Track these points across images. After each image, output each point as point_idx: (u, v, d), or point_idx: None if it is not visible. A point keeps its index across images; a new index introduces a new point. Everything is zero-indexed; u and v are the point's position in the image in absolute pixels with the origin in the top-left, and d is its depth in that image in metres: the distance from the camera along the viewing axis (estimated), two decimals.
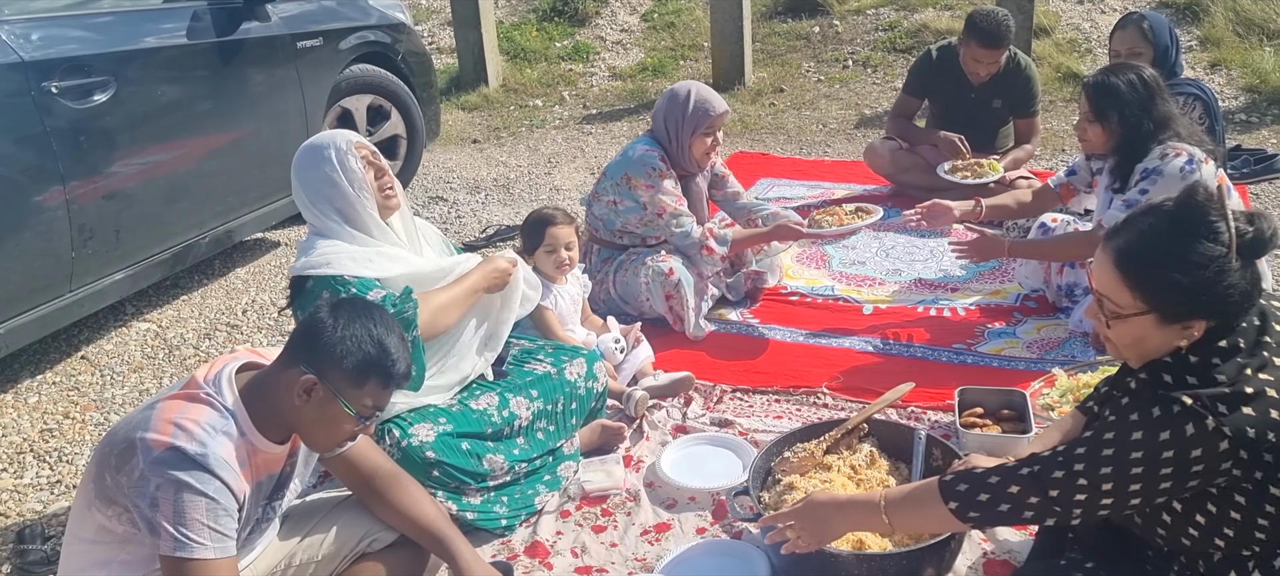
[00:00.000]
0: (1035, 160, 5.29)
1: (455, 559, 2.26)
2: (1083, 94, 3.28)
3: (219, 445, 1.91)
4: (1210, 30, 6.83)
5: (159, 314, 4.33)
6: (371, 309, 2.02)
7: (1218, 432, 1.68)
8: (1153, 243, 1.79)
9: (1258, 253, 1.77)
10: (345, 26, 4.93)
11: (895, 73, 7.12)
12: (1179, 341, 1.80)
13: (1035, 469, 1.83)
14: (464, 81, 7.71)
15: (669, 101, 3.79)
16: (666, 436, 3.16)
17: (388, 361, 1.97)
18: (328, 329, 1.95)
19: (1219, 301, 1.76)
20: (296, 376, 1.95)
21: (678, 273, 3.71)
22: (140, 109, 3.87)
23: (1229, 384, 1.73)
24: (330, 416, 1.98)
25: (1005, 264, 4.27)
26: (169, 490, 1.85)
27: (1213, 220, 1.75)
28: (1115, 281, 1.82)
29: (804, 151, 6.18)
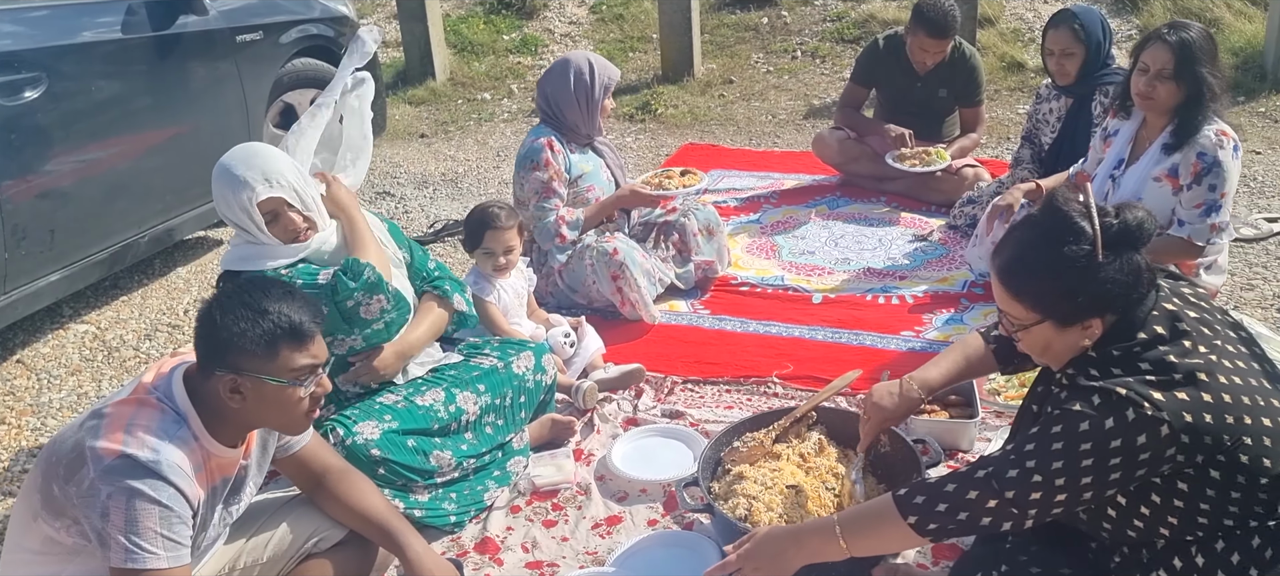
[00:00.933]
0: (981, 148, 5.34)
1: (404, 551, 2.24)
2: (1159, 47, 3.14)
3: (172, 451, 1.87)
4: (1149, 20, 6.95)
5: (97, 315, 4.23)
6: (246, 285, 1.98)
7: (1157, 419, 1.71)
8: (1025, 254, 1.88)
9: (1128, 243, 1.83)
10: (286, 20, 4.84)
11: (843, 63, 7.16)
12: (1083, 341, 1.87)
13: (989, 470, 1.84)
14: (410, 75, 7.62)
15: (574, 77, 3.81)
16: (617, 429, 3.15)
17: (284, 322, 1.92)
18: (217, 325, 1.91)
19: (1100, 297, 1.82)
20: (218, 383, 1.92)
21: (623, 252, 3.71)
22: (74, 105, 3.77)
23: (1156, 371, 1.77)
24: (273, 399, 1.95)
25: (954, 249, 4.31)
26: (121, 499, 1.81)
27: (1076, 222, 1.82)
28: (1006, 297, 1.91)
29: (753, 142, 6.19)
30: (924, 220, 4.67)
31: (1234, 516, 1.80)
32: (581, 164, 3.88)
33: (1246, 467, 1.76)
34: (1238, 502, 1.78)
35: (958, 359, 2.41)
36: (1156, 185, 3.23)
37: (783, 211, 4.90)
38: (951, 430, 2.89)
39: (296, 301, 1.96)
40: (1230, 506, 1.79)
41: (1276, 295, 3.72)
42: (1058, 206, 1.86)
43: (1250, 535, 1.81)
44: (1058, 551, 2.03)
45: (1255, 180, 4.87)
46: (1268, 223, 4.30)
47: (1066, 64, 4.17)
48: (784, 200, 5.05)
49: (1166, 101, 3.19)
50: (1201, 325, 1.87)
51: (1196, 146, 3.15)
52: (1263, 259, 4.03)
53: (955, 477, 1.89)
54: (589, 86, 3.82)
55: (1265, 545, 1.80)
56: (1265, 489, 1.78)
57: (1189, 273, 3.31)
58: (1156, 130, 3.27)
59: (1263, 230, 4.24)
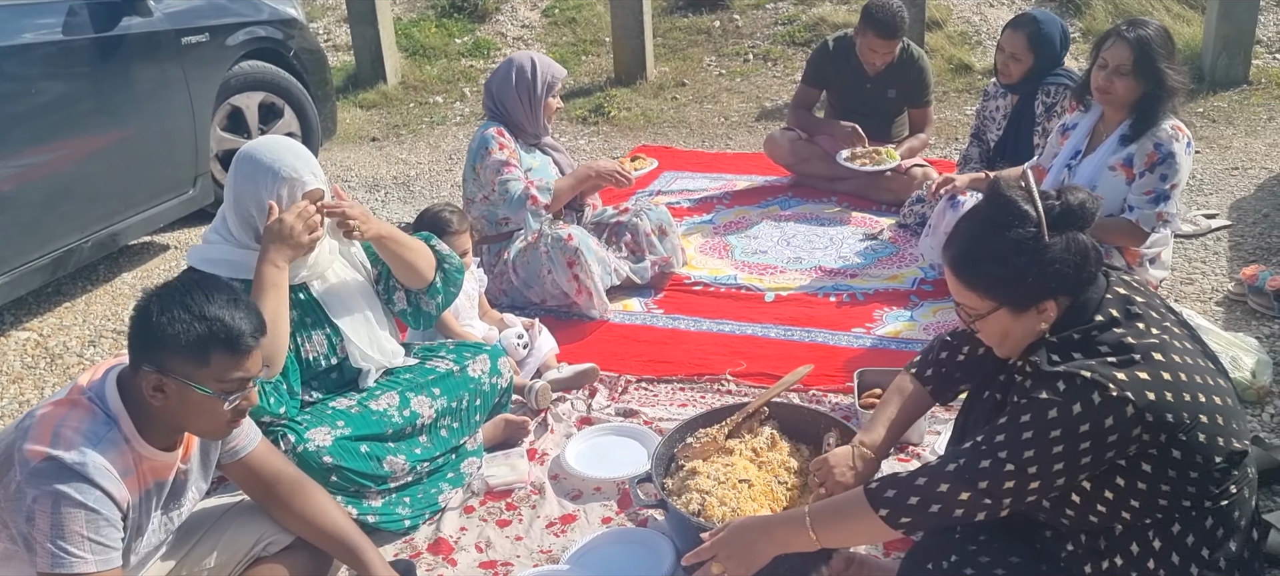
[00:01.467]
0: (929, 149, 5.41)
1: (367, 569, 2.19)
2: (1118, 44, 3.22)
3: (100, 453, 1.82)
4: (1091, 22, 7.09)
5: (40, 322, 4.14)
6: (195, 283, 1.90)
7: (1122, 398, 1.74)
8: (974, 243, 1.91)
9: (1072, 223, 1.87)
10: (233, 22, 4.79)
11: (794, 65, 7.22)
12: (1040, 325, 1.89)
13: (960, 463, 1.84)
14: (361, 79, 7.56)
15: (517, 75, 3.87)
16: (571, 428, 3.15)
17: (221, 332, 1.85)
18: (154, 322, 1.84)
19: (1050, 278, 1.85)
20: (143, 379, 1.85)
21: (578, 239, 3.73)
22: (15, 108, 3.70)
23: (1115, 352, 1.80)
24: (196, 404, 1.88)
25: (904, 247, 4.37)
26: (46, 503, 1.77)
27: (1019, 206, 1.86)
28: (960, 288, 1.94)
29: (706, 144, 6.23)
30: (874, 219, 4.72)
31: (1191, 497, 1.83)
32: (529, 160, 3.90)
33: (1203, 447, 1.79)
34: (1195, 482, 1.82)
35: (893, 409, 2.37)
36: (1111, 174, 3.30)
37: (735, 212, 4.93)
38: None
39: (241, 310, 1.88)
40: (1188, 487, 1.82)
41: (1215, 289, 3.82)
42: (1001, 193, 1.89)
43: (1204, 515, 1.84)
44: (1008, 541, 2.05)
45: (1195, 177, 4.98)
46: (1206, 219, 4.40)
47: (1012, 66, 4.26)
48: (736, 201, 5.08)
49: (1124, 96, 3.28)
50: (1149, 309, 1.91)
51: (1154, 137, 3.24)
52: (1202, 254, 4.13)
53: (926, 471, 1.89)
54: (531, 83, 3.85)
55: (1217, 524, 1.85)
56: (1218, 468, 1.82)
57: (1133, 263, 3.39)
58: (1114, 124, 3.36)
59: (1202, 226, 4.34)
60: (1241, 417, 1.89)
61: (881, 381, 3.10)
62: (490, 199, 3.84)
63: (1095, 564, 1.91)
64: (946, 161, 5.36)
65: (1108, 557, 1.90)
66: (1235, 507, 1.86)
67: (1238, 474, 1.85)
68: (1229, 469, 1.83)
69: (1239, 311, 3.62)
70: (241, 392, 1.92)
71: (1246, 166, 5.11)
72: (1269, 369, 3.08)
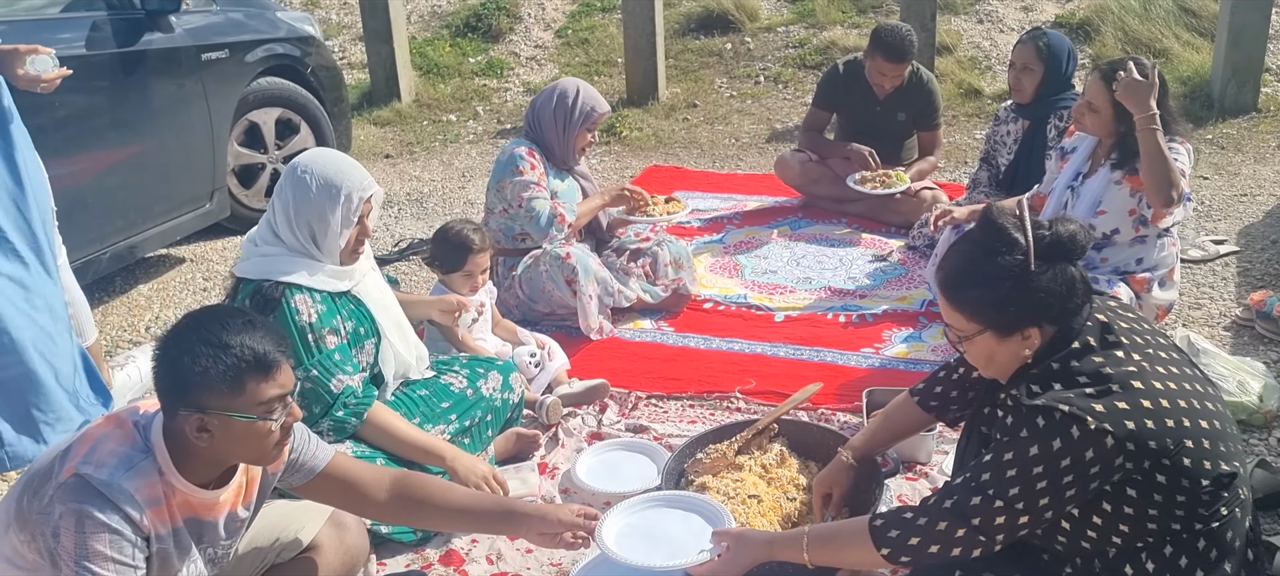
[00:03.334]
0: (938, 172, 5.45)
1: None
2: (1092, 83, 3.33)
3: (128, 478, 1.84)
4: (1101, 48, 7.13)
5: None
6: (198, 320, 1.90)
7: (1100, 431, 1.77)
8: (963, 266, 1.97)
9: (1060, 254, 1.91)
10: (252, 39, 4.85)
11: (805, 88, 7.27)
12: (1024, 350, 1.93)
13: (954, 499, 1.89)
14: (376, 96, 7.63)
15: (557, 99, 3.89)
16: (582, 443, 3.18)
17: (248, 356, 1.86)
18: (178, 365, 1.84)
19: (1034, 306, 1.90)
20: (184, 422, 1.86)
21: (575, 257, 3.76)
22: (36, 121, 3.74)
23: (1092, 382, 1.83)
24: (242, 434, 1.89)
25: (913, 269, 4.40)
26: (71, 520, 1.79)
27: (1009, 233, 1.91)
28: (948, 308, 1.99)
29: (717, 165, 6.27)
30: (883, 241, 4.75)
31: (1180, 520, 1.85)
32: (556, 184, 3.93)
33: (1189, 470, 1.81)
34: (1183, 505, 1.84)
35: (878, 421, 2.52)
36: (1117, 187, 3.34)
37: (745, 232, 4.97)
38: (909, 442, 2.94)
39: (258, 331, 1.89)
40: (1177, 510, 1.84)
41: (1222, 314, 3.84)
42: (993, 220, 1.94)
43: (1196, 537, 1.86)
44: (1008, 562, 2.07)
45: (1203, 204, 5.01)
46: (1214, 245, 4.42)
47: (1024, 79, 4.29)
48: (747, 221, 5.12)
49: (1095, 128, 3.38)
50: (1133, 334, 1.94)
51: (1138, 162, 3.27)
52: (1209, 279, 4.15)
53: (924, 510, 1.93)
54: (568, 111, 3.87)
55: (1210, 546, 1.86)
56: (1207, 491, 1.84)
57: (1140, 289, 3.41)
58: (1106, 151, 3.40)
59: (1210, 252, 4.36)
60: (1233, 439, 1.91)
61: (889, 401, 3.13)
62: (510, 212, 3.88)
63: None
64: (955, 185, 5.40)
65: None
66: (1228, 528, 1.88)
67: (1228, 495, 1.86)
68: (1218, 490, 1.84)
69: (1247, 336, 3.64)
70: (284, 409, 1.92)
71: (1255, 193, 5.13)
72: (1276, 393, 3.10)
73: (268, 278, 2.63)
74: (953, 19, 7.77)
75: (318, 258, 2.69)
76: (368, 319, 2.81)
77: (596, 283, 3.82)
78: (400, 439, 2.72)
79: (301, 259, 2.68)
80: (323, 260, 2.70)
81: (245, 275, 2.68)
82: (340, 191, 2.66)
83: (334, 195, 2.65)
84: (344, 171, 2.69)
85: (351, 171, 2.71)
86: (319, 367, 2.63)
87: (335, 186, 2.66)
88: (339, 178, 2.67)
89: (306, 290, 2.65)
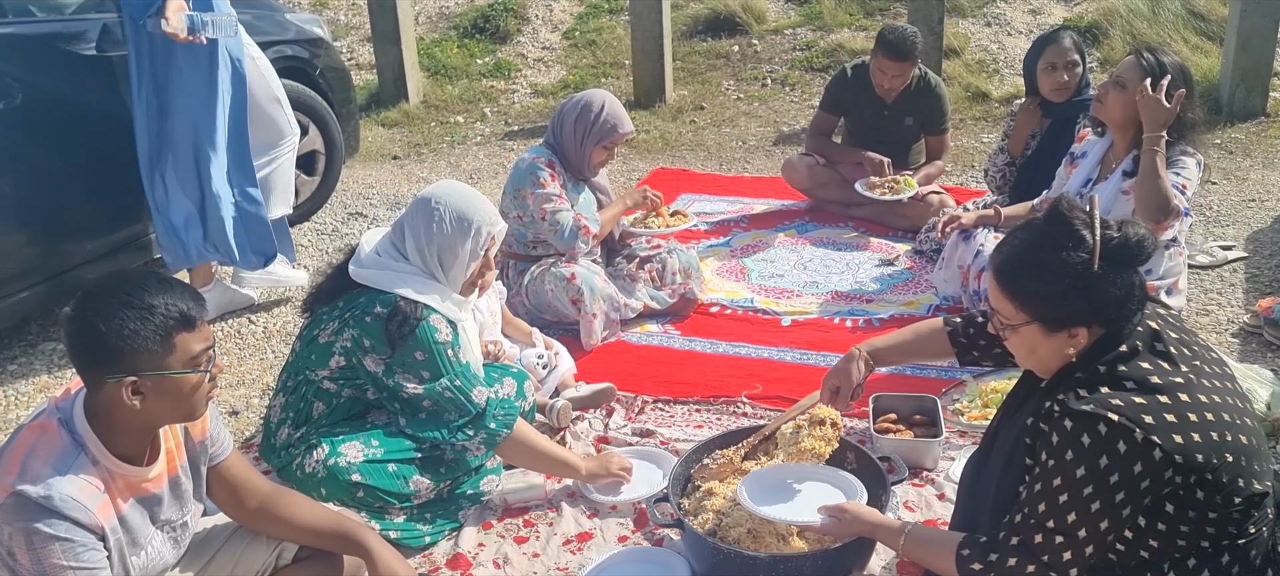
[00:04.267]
0: (946, 176, 5.45)
1: (369, 553, 2.22)
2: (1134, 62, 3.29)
3: (66, 483, 1.83)
4: (1109, 53, 7.11)
5: None
6: (111, 288, 1.88)
7: (1148, 443, 1.75)
8: (1022, 253, 1.92)
9: (1125, 259, 1.86)
10: (261, 41, 4.83)
11: (812, 91, 7.27)
12: (1068, 349, 1.89)
13: (1019, 537, 1.88)
14: (384, 97, 7.64)
15: (580, 109, 3.87)
16: (589, 447, 3.18)
17: (175, 313, 1.87)
18: (102, 332, 1.83)
19: (1089, 307, 1.85)
20: (115, 389, 1.86)
21: (579, 278, 3.76)
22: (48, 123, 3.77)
23: (1141, 390, 1.80)
24: (173, 390, 1.90)
25: (919, 273, 4.40)
26: (21, 539, 1.80)
27: (1077, 229, 1.86)
28: (998, 294, 1.95)
29: (724, 167, 6.27)
30: (891, 245, 4.75)
31: (1210, 537, 1.84)
32: (574, 195, 3.93)
33: (1225, 487, 1.80)
34: (1214, 523, 1.82)
35: (908, 333, 2.55)
36: (1125, 198, 3.33)
37: (752, 235, 4.97)
38: (916, 448, 2.95)
39: (176, 289, 1.91)
40: (1208, 527, 1.83)
41: (1230, 320, 3.83)
42: (1062, 212, 1.89)
43: (1221, 553, 1.85)
44: None
45: (1212, 209, 5.00)
46: (1223, 250, 4.41)
47: (1068, 76, 4.25)
48: (753, 224, 5.12)
49: (1115, 112, 3.31)
50: (1182, 345, 1.91)
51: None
52: (1217, 286, 4.14)
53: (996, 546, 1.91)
54: (589, 124, 3.85)
55: (1233, 562, 1.85)
56: (1238, 508, 1.82)
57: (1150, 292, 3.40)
58: (1123, 152, 3.38)
59: (1218, 258, 4.35)
60: (1265, 459, 1.89)
61: (897, 406, 3.13)
62: (524, 219, 3.87)
63: None
64: (963, 189, 5.39)
65: None
66: (1253, 547, 1.87)
67: (1258, 514, 1.85)
68: (1249, 509, 1.83)
69: (1255, 343, 3.63)
70: (210, 362, 1.95)
71: (1263, 198, 5.11)
72: None
73: (404, 295, 2.67)
74: (960, 22, 7.76)
75: (443, 282, 2.77)
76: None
77: (602, 301, 3.82)
78: (539, 452, 2.83)
79: (431, 282, 2.75)
80: (447, 288, 2.77)
81: (374, 284, 2.70)
82: (471, 226, 2.74)
83: (465, 230, 2.74)
84: (475, 207, 2.77)
85: (482, 207, 2.79)
86: (462, 378, 2.72)
87: (468, 221, 2.74)
88: (471, 213, 2.75)
89: (439, 312, 2.71)
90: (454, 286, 2.79)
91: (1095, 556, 1.85)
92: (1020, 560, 1.87)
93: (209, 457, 2.18)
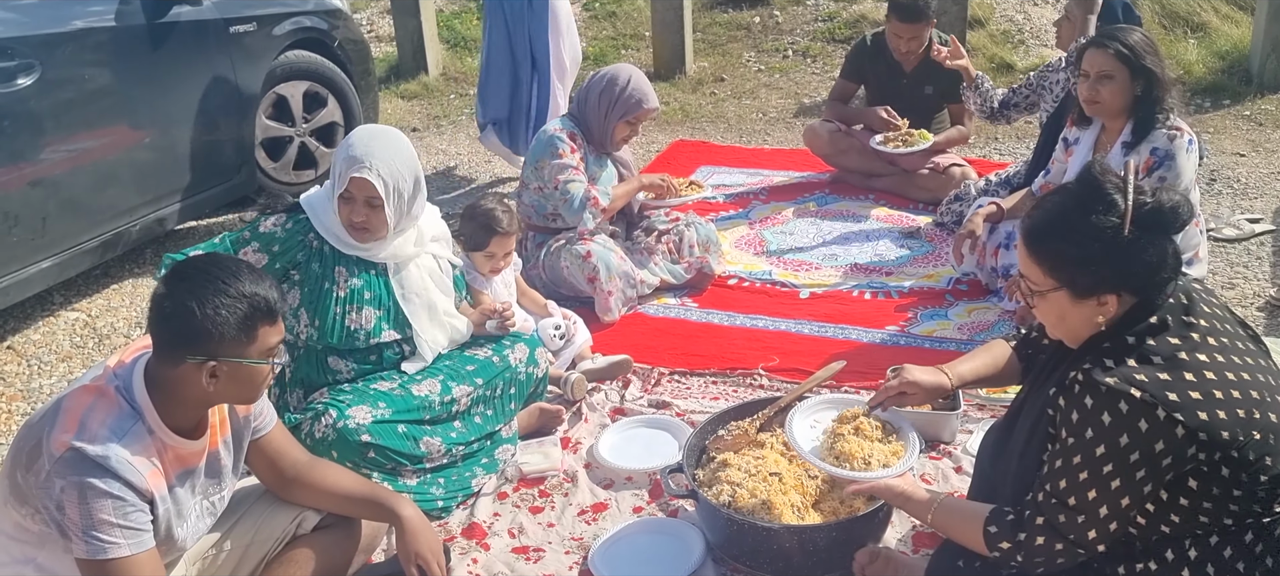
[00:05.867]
0: (969, 149, 5.38)
1: (399, 518, 2.25)
2: (1096, 52, 3.23)
3: (123, 446, 1.87)
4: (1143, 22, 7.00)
5: (88, 303, 4.25)
6: (203, 269, 1.94)
7: (1171, 420, 1.72)
8: (1052, 217, 1.88)
9: (1159, 225, 1.82)
10: (280, 12, 4.85)
11: (834, 62, 7.20)
12: (1097, 317, 1.86)
13: (1043, 516, 1.86)
14: (403, 70, 7.63)
15: (606, 82, 3.85)
16: (605, 419, 3.18)
17: (261, 304, 1.93)
18: (193, 313, 1.87)
19: (1122, 274, 1.81)
20: (193, 369, 1.90)
21: (595, 256, 3.75)
22: (67, 94, 3.79)
23: (1168, 365, 1.77)
24: (244, 378, 1.97)
25: (940, 246, 4.36)
26: (73, 493, 1.83)
27: (1109, 193, 1.81)
28: (1027, 258, 1.91)
29: (744, 139, 6.23)
30: (911, 218, 4.71)
31: (1233, 515, 1.81)
32: (596, 169, 3.92)
33: (1251, 465, 1.77)
34: (1239, 500, 1.80)
35: (984, 356, 2.40)
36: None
37: (772, 207, 4.94)
38: (933, 421, 2.93)
39: (265, 281, 1.97)
40: (1231, 504, 1.80)
41: (1256, 294, 3.77)
42: (1094, 176, 1.85)
43: (1244, 531, 1.83)
44: None
45: (1239, 182, 4.92)
46: (1249, 223, 4.35)
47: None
48: (773, 197, 5.09)
49: (1112, 102, 3.26)
50: (1213, 318, 1.88)
51: (1150, 141, 3.21)
52: (1244, 258, 4.08)
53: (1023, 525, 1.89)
54: (614, 98, 3.83)
55: (1256, 540, 1.83)
56: (1264, 487, 1.80)
57: None
58: (1115, 134, 3.33)
59: (1244, 230, 4.29)
60: None
61: None
62: (543, 191, 3.86)
63: (1129, 566, 1.91)
64: (986, 161, 5.33)
65: (1141, 560, 1.89)
66: (1278, 525, 1.84)
67: None
68: (1275, 487, 1.81)
69: None
70: (281, 354, 2.02)
71: None
72: None
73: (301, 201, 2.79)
74: None
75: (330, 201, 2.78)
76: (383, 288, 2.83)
77: (618, 278, 3.81)
78: None
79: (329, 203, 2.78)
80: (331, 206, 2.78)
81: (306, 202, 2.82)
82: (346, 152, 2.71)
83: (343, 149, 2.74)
84: (360, 141, 2.73)
85: (362, 146, 2.71)
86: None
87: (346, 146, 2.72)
88: (353, 143, 2.73)
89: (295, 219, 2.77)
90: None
91: (1119, 530, 1.84)
92: (1047, 539, 1.86)
93: (252, 430, 2.22)
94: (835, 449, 2.39)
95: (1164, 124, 3.22)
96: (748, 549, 2.43)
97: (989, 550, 1.94)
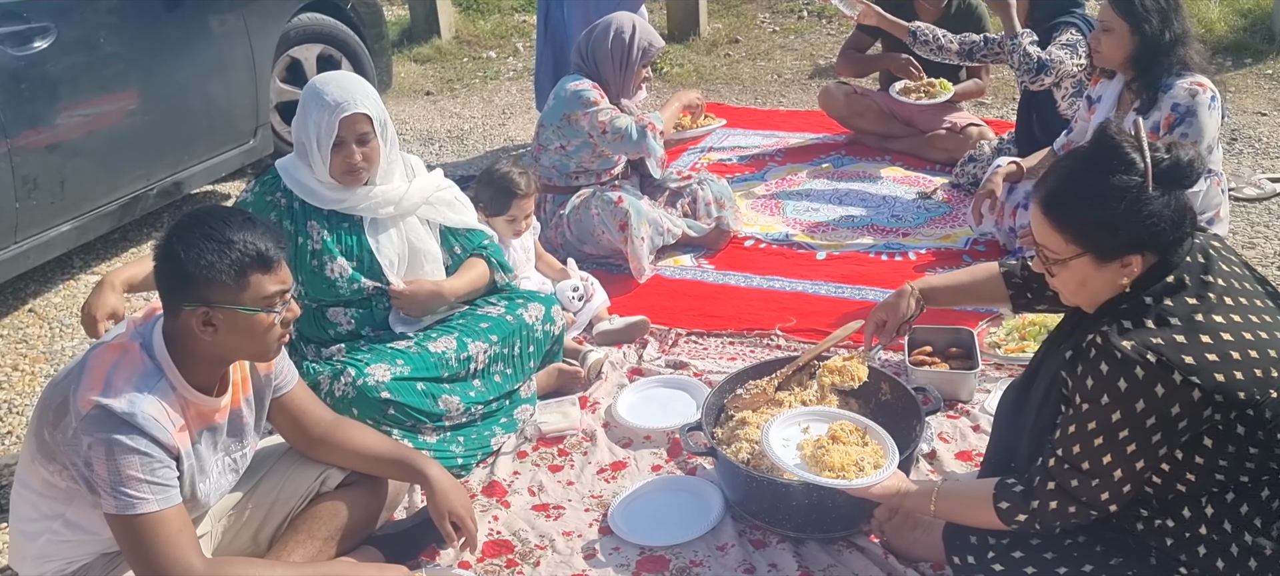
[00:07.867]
0: (987, 108, 5.34)
1: (427, 478, 2.28)
2: (1105, 5, 3.22)
3: (148, 403, 1.90)
4: None
5: (108, 266, 4.27)
6: (200, 218, 1.95)
7: (1187, 383, 1.72)
8: (1071, 183, 1.86)
9: (1177, 180, 1.81)
10: None
11: (849, 23, 7.12)
12: (1120, 279, 1.84)
13: (1055, 481, 1.87)
14: (416, 33, 7.60)
15: (614, 36, 3.84)
16: (623, 379, 3.19)
17: (252, 250, 1.92)
18: (182, 259, 1.90)
19: (1144, 232, 1.80)
20: (190, 317, 1.92)
21: (626, 201, 3.75)
22: (82, 57, 3.80)
23: (1182, 327, 1.76)
24: (244, 327, 1.96)
25: (957, 207, 4.33)
26: (100, 449, 1.85)
27: (1126, 152, 1.80)
28: (1046, 227, 1.88)
29: (758, 101, 6.20)
30: (928, 178, 4.68)
31: (1250, 472, 1.81)
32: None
33: (1268, 422, 1.77)
34: (1255, 458, 1.80)
35: (964, 274, 2.46)
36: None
37: (788, 169, 4.92)
38: (951, 380, 2.93)
39: (259, 228, 1.96)
40: (1247, 462, 1.80)
41: (1277, 254, 3.75)
42: (1109, 136, 1.83)
43: (1260, 487, 1.83)
44: None
45: (1260, 141, 4.87)
46: (1271, 182, 4.31)
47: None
48: (789, 158, 5.06)
49: (1110, 54, 3.23)
50: (1231, 277, 1.86)
51: (1171, 98, 3.16)
52: (1264, 218, 4.05)
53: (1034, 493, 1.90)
54: (627, 48, 3.83)
55: (1273, 496, 1.83)
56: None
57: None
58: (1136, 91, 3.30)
59: (1266, 190, 4.25)
60: None
61: (932, 339, 3.11)
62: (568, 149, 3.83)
63: (1147, 523, 1.91)
64: (1003, 121, 5.29)
65: (1159, 517, 1.90)
66: None
67: None
68: None
69: None
70: (284, 304, 2.00)
71: None
72: None
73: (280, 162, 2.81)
74: None
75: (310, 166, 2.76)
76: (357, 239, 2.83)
77: (649, 224, 3.81)
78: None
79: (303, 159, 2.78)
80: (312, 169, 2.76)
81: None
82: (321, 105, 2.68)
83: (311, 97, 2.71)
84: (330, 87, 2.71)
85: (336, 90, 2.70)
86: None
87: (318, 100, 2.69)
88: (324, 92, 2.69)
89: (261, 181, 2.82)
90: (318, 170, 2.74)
91: (1133, 491, 1.84)
92: (1060, 503, 1.87)
93: (273, 388, 2.24)
94: (822, 461, 2.33)
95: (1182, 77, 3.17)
96: (766, 506, 2.44)
97: (1006, 525, 1.95)
